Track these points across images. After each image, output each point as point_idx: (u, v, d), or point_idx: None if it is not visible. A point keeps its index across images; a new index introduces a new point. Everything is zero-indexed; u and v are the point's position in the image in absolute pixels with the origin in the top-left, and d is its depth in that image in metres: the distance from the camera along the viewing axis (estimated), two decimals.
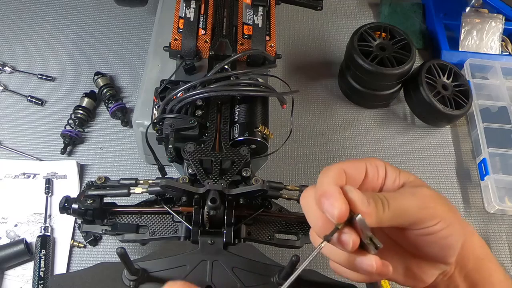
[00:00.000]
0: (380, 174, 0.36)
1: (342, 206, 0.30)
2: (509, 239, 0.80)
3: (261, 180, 0.55)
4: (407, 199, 0.34)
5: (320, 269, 0.70)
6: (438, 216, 0.33)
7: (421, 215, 0.33)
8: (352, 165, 0.35)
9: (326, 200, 0.31)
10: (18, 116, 0.83)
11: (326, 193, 0.31)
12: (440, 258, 0.36)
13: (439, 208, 0.34)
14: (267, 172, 0.81)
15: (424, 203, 0.33)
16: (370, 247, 0.31)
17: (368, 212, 0.31)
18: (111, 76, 0.90)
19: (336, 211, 0.30)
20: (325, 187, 0.32)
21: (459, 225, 0.35)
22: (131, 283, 0.47)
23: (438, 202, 0.34)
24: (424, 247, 0.35)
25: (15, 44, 0.93)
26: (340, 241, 0.31)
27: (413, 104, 0.91)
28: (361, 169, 0.36)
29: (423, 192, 0.34)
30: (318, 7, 0.89)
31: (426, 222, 0.33)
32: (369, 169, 0.36)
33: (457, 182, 0.85)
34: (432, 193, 0.35)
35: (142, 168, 0.80)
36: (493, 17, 1.00)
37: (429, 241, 0.34)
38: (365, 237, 0.31)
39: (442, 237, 0.34)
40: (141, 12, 0.99)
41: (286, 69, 0.96)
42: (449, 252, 0.35)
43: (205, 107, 0.63)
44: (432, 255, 0.35)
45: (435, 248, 0.35)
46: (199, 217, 0.54)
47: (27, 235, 0.70)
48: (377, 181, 0.36)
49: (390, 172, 0.36)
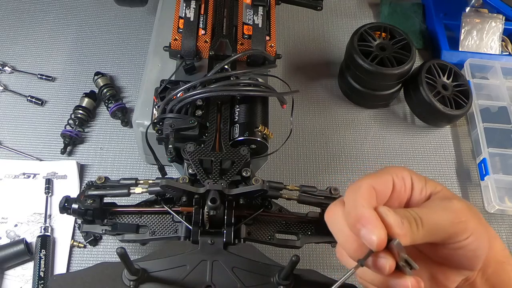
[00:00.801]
0: (407, 185, 0.35)
1: (381, 234, 0.29)
2: (509, 239, 0.80)
3: (261, 180, 0.55)
4: (439, 214, 0.33)
5: (320, 269, 0.70)
6: (469, 230, 0.33)
7: (454, 230, 0.33)
8: (379, 180, 0.34)
9: (363, 227, 0.30)
10: (18, 116, 0.83)
11: (363, 218, 0.30)
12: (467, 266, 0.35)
13: (471, 221, 0.33)
14: (267, 172, 0.81)
15: (457, 218, 0.33)
16: (405, 269, 0.31)
17: (403, 233, 0.30)
18: (111, 76, 0.90)
19: (375, 238, 0.29)
20: (360, 211, 0.31)
21: (486, 234, 0.34)
22: (131, 283, 0.47)
23: (469, 215, 0.33)
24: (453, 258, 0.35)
25: (15, 44, 0.93)
26: (375, 265, 0.31)
27: (413, 104, 0.91)
28: (388, 183, 0.34)
29: (455, 206, 0.33)
30: (318, 7, 0.89)
31: (458, 237, 0.33)
32: (396, 182, 0.35)
33: (457, 182, 0.85)
34: (463, 205, 0.34)
35: (142, 168, 0.80)
36: (493, 17, 1.00)
37: (460, 254, 0.34)
38: (400, 259, 0.30)
39: (472, 249, 0.34)
40: (141, 12, 0.99)
41: (286, 69, 0.96)
42: (477, 261, 0.35)
43: (205, 107, 0.63)
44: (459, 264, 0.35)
45: (464, 259, 0.34)
46: (199, 217, 0.54)
47: (27, 235, 0.70)
48: (405, 193, 0.35)
49: (417, 182, 0.35)
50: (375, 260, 0.30)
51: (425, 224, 0.32)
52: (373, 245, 0.29)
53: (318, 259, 0.73)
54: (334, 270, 0.72)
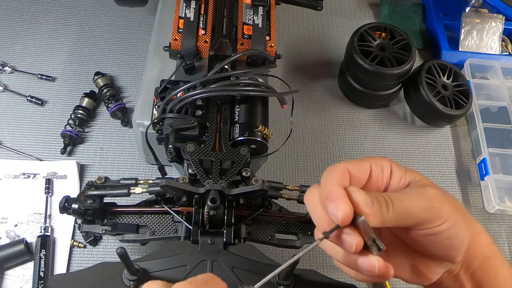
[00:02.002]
0: (385, 174, 0.36)
1: (346, 208, 0.31)
2: (509, 239, 0.80)
3: (261, 180, 0.55)
4: (412, 199, 0.33)
5: (320, 269, 0.70)
6: (443, 216, 0.33)
7: (426, 215, 0.33)
8: (356, 165, 0.35)
9: (331, 202, 0.31)
10: (18, 116, 0.83)
11: (331, 195, 0.31)
12: (445, 257, 0.35)
13: (445, 208, 0.34)
14: (267, 172, 0.81)
15: (430, 203, 0.33)
16: (373, 249, 0.31)
17: (371, 213, 0.31)
18: (111, 76, 0.90)
19: (340, 213, 0.30)
20: (329, 189, 0.32)
21: (465, 224, 0.34)
22: (131, 283, 0.47)
23: (444, 202, 0.34)
24: (428, 246, 0.35)
25: (15, 44, 0.93)
26: (343, 242, 0.32)
27: (413, 104, 0.91)
28: (365, 169, 0.35)
29: (429, 192, 0.34)
30: (318, 7, 0.89)
31: (431, 222, 0.33)
32: (374, 169, 0.36)
33: (457, 182, 0.85)
34: (438, 192, 0.34)
35: (142, 168, 0.80)
36: (493, 17, 1.00)
37: (434, 240, 0.34)
38: (368, 238, 0.31)
39: (447, 237, 0.34)
40: (141, 12, 0.99)
41: (286, 69, 0.96)
42: (454, 252, 0.35)
43: (205, 107, 0.63)
44: (437, 254, 0.35)
45: (439, 247, 0.35)
46: (199, 217, 0.54)
47: (27, 235, 0.70)
48: (382, 181, 0.36)
49: (396, 171, 0.36)
50: (341, 236, 0.32)
51: (396, 207, 0.32)
52: (338, 219, 0.31)
53: (318, 259, 0.73)
54: (334, 270, 0.72)
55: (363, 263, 0.32)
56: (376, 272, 0.32)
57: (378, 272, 0.32)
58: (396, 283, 0.72)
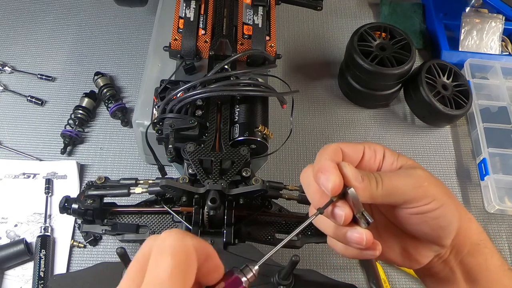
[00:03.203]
0: (377, 156, 0.37)
1: (336, 179, 0.32)
2: (509, 239, 0.80)
3: (261, 180, 0.55)
4: (401, 178, 0.35)
5: (320, 269, 0.70)
6: (430, 195, 0.34)
7: (414, 193, 0.34)
8: (350, 145, 0.37)
9: (322, 174, 0.33)
10: (18, 116, 0.83)
11: (322, 167, 0.33)
12: (433, 238, 0.36)
13: (433, 188, 0.35)
14: (267, 172, 0.81)
15: (418, 183, 0.35)
16: (361, 222, 0.33)
17: (361, 187, 0.33)
18: (111, 76, 0.90)
19: (330, 184, 0.32)
20: (321, 163, 0.34)
21: (454, 209, 0.36)
22: None
23: (432, 183, 0.35)
24: (417, 226, 0.36)
25: (15, 44, 0.93)
26: (333, 214, 0.33)
27: (413, 104, 0.91)
28: (358, 149, 0.37)
29: (418, 173, 0.35)
30: (318, 7, 0.88)
31: (418, 200, 0.34)
32: (367, 151, 0.37)
33: (457, 182, 0.85)
34: (427, 174, 0.36)
35: (142, 168, 0.80)
36: (493, 17, 1.00)
37: (421, 220, 0.35)
38: (357, 212, 0.33)
39: (434, 217, 0.35)
40: (141, 12, 0.99)
41: (286, 69, 0.96)
42: (442, 233, 0.36)
43: (205, 107, 0.63)
44: (425, 235, 0.36)
45: (426, 228, 0.35)
46: (199, 217, 0.54)
47: (27, 235, 0.70)
48: (374, 163, 0.37)
49: (388, 155, 0.38)
50: (333, 209, 0.33)
51: (385, 185, 0.34)
52: (328, 190, 0.32)
53: (318, 259, 0.73)
54: (334, 270, 0.72)
55: (351, 235, 0.33)
56: (364, 244, 0.33)
57: (366, 244, 0.33)
58: (396, 284, 0.72)
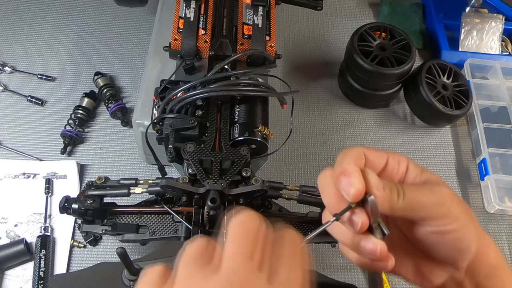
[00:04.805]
0: (401, 168, 0.36)
1: (359, 185, 0.31)
2: (509, 239, 0.80)
3: (261, 180, 0.55)
4: (424, 193, 0.34)
5: (320, 269, 0.70)
6: (452, 216, 0.33)
7: (435, 212, 0.33)
8: (373, 151, 0.35)
9: (345, 178, 0.31)
10: (18, 116, 0.83)
11: (345, 171, 0.31)
12: (449, 260, 0.35)
13: (455, 208, 0.34)
14: (267, 172, 0.81)
15: (441, 201, 0.33)
16: (377, 232, 0.32)
17: (381, 196, 0.32)
18: (111, 76, 0.90)
19: (352, 189, 0.31)
20: (345, 166, 0.32)
21: (474, 231, 0.34)
22: (131, 283, 0.47)
23: (456, 204, 0.34)
24: (434, 245, 0.35)
25: (15, 44, 0.93)
26: (350, 221, 0.32)
27: (413, 104, 0.91)
28: (382, 157, 0.36)
29: (442, 191, 0.34)
30: (318, 7, 0.88)
31: (439, 219, 0.33)
32: (390, 161, 0.36)
33: (457, 182, 0.85)
34: (451, 193, 0.34)
35: (142, 168, 0.80)
36: (493, 17, 1.00)
37: (440, 240, 0.34)
38: (374, 221, 0.32)
39: (453, 239, 0.34)
40: (141, 12, 0.99)
41: (286, 69, 0.96)
42: (459, 256, 0.35)
43: (205, 107, 0.63)
44: (441, 256, 0.35)
45: (444, 248, 0.34)
46: (199, 217, 0.54)
47: (27, 235, 0.70)
48: (397, 174, 0.36)
49: (412, 168, 0.36)
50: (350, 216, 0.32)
51: (407, 198, 0.33)
52: (349, 195, 0.31)
53: (318, 259, 0.73)
54: (334, 270, 0.72)
55: (365, 245, 0.32)
56: (377, 255, 0.32)
57: (379, 255, 0.32)
58: (396, 285, 0.72)
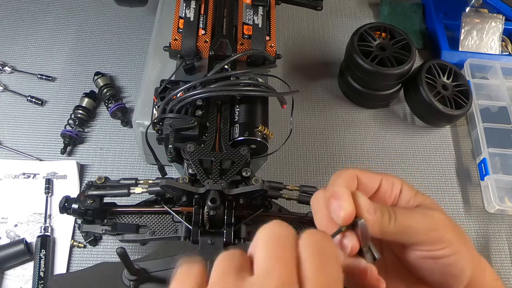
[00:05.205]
0: (394, 191, 0.36)
1: (349, 208, 0.30)
2: (509, 239, 0.80)
3: (261, 180, 0.55)
4: (416, 217, 0.33)
5: None
6: (446, 241, 0.33)
7: (428, 237, 0.33)
8: (366, 174, 0.35)
9: (335, 201, 0.31)
10: (18, 116, 0.83)
11: (336, 194, 0.31)
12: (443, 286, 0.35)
13: (449, 233, 0.33)
14: (267, 172, 0.81)
15: (433, 226, 0.33)
16: (367, 256, 0.31)
17: (372, 220, 0.31)
18: (111, 76, 0.90)
19: (342, 212, 0.30)
20: (335, 188, 0.32)
21: (468, 257, 0.34)
22: (131, 283, 0.47)
23: (449, 229, 0.33)
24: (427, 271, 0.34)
25: (15, 44, 0.93)
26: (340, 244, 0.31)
27: (413, 104, 0.91)
28: (375, 180, 0.35)
29: (435, 215, 0.33)
30: (318, 7, 0.88)
31: (431, 244, 0.33)
32: (384, 183, 0.35)
33: (457, 182, 0.85)
34: (444, 218, 0.34)
35: (142, 168, 0.80)
36: (493, 17, 1.00)
37: (433, 266, 0.34)
38: (364, 245, 0.31)
39: (446, 264, 0.33)
40: (141, 12, 0.99)
41: (286, 69, 0.96)
42: (453, 282, 0.34)
43: (205, 107, 0.63)
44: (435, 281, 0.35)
45: (438, 274, 0.34)
46: (199, 217, 0.54)
47: (27, 235, 0.70)
48: (390, 197, 0.36)
49: (406, 191, 0.36)
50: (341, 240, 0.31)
51: (398, 221, 0.32)
52: (339, 218, 0.31)
53: None
54: None
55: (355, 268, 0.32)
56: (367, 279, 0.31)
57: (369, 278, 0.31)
58: None
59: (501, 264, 0.77)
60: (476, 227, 0.81)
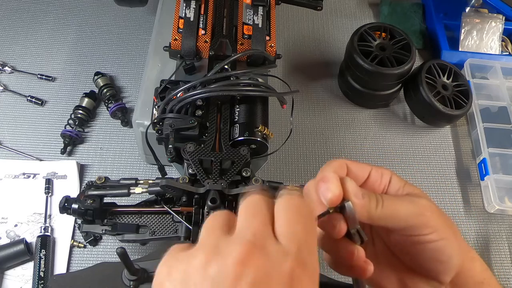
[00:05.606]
0: (383, 180, 0.37)
1: (336, 190, 0.32)
2: (509, 239, 0.80)
3: (261, 180, 0.55)
4: (403, 203, 0.34)
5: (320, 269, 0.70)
6: (432, 226, 0.34)
7: (414, 221, 0.34)
8: (356, 163, 0.36)
9: (323, 184, 0.33)
10: (18, 116, 0.83)
11: (324, 177, 0.33)
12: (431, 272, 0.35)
13: (435, 219, 0.34)
14: (267, 172, 0.81)
15: (420, 211, 0.34)
16: (355, 238, 0.33)
17: (359, 203, 0.33)
18: (111, 76, 0.90)
19: (329, 194, 0.32)
20: (324, 173, 0.33)
21: (456, 246, 0.34)
22: (131, 283, 0.47)
23: (435, 214, 0.34)
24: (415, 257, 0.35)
25: (15, 44, 0.93)
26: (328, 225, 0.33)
27: (413, 104, 0.91)
28: (364, 170, 0.36)
29: (421, 202, 0.34)
30: (318, 7, 0.89)
31: (418, 229, 0.34)
32: (373, 173, 0.36)
33: (457, 182, 0.85)
34: (431, 204, 0.35)
35: (142, 168, 0.80)
36: (493, 17, 1.00)
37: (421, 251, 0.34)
38: (352, 228, 0.33)
39: (434, 249, 0.34)
40: (141, 12, 0.99)
41: (286, 69, 0.96)
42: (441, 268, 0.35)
43: (205, 107, 0.63)
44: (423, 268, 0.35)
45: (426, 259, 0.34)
46: (199, 217, 0.54)
47: (27, 235, 0.70)
48: (379, 186, 0.37)
49: (395, 181, 0.37)
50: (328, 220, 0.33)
51: (386, 207, 0.33)
52: (326, 200, 0.32)
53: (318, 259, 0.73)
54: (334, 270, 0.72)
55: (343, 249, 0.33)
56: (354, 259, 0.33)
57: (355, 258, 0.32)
58: None
59: (501, 264, 0.77)
60: (476, 227, 0.81)
